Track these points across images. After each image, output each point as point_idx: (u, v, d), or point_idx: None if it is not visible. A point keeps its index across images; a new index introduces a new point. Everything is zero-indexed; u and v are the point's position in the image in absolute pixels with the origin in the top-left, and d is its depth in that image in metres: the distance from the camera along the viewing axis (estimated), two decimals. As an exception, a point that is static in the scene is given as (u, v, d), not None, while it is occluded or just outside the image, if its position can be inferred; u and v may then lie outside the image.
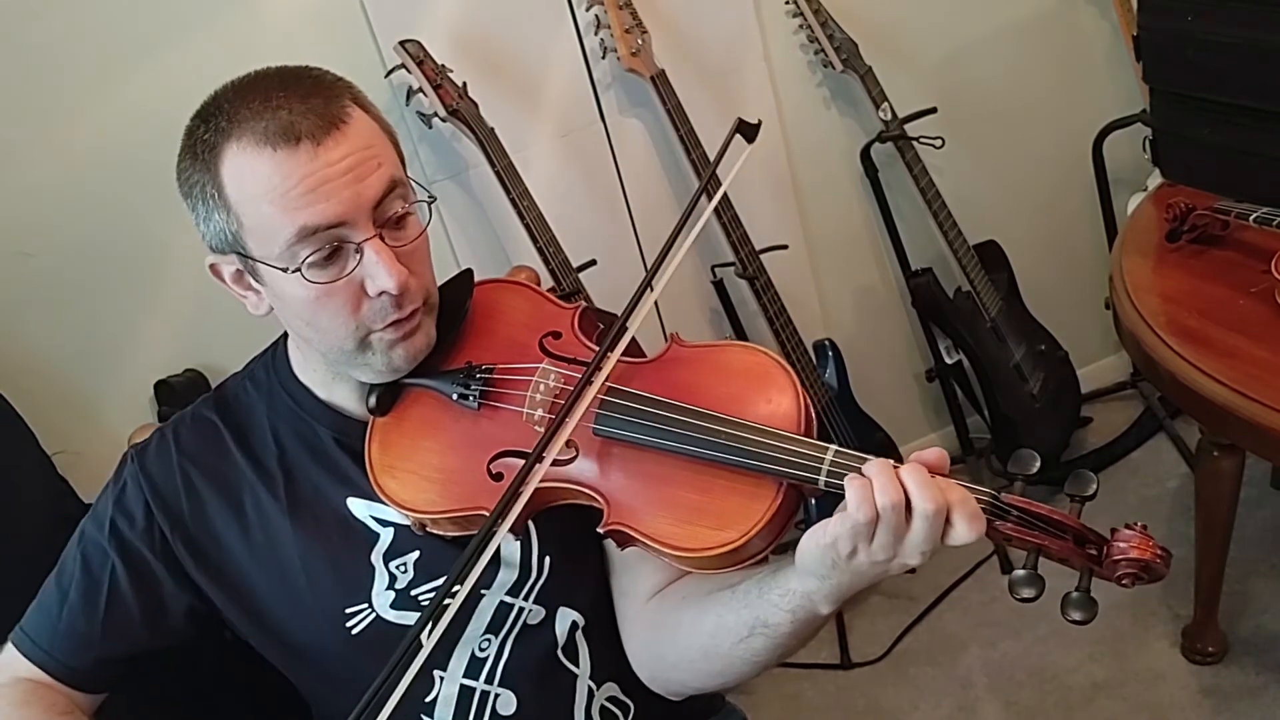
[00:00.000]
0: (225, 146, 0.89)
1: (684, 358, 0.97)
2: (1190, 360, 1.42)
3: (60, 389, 1.79)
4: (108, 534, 1.02)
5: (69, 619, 1.01)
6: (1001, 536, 0.83)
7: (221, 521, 1.03)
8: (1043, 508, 0.83)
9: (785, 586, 0.89)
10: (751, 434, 0.86)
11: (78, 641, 1.01)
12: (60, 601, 1.01)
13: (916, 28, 2.18)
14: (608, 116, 2.01)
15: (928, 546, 0.81)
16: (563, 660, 1.08)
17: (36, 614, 1.03)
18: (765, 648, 0.93)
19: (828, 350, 2.21)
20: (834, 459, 0.83)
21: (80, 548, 1.03)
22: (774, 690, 2.09)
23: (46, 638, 1.01)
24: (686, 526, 0.88)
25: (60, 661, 1.01)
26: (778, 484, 0.87)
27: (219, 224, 0.92)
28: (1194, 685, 1.87)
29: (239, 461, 1.04)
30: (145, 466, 1.04)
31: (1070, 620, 0.81)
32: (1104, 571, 0.83)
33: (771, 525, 0.86)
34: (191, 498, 1.03)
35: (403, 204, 0.94)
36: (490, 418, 0.97)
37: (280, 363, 1.08)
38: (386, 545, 1.03)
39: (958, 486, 0.81)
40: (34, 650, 1.01)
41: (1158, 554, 0.81)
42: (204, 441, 1.06)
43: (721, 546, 0.86)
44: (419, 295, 0.96)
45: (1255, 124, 1.57)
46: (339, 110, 0.90)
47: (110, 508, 1.03)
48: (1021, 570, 0.82)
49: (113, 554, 1.01)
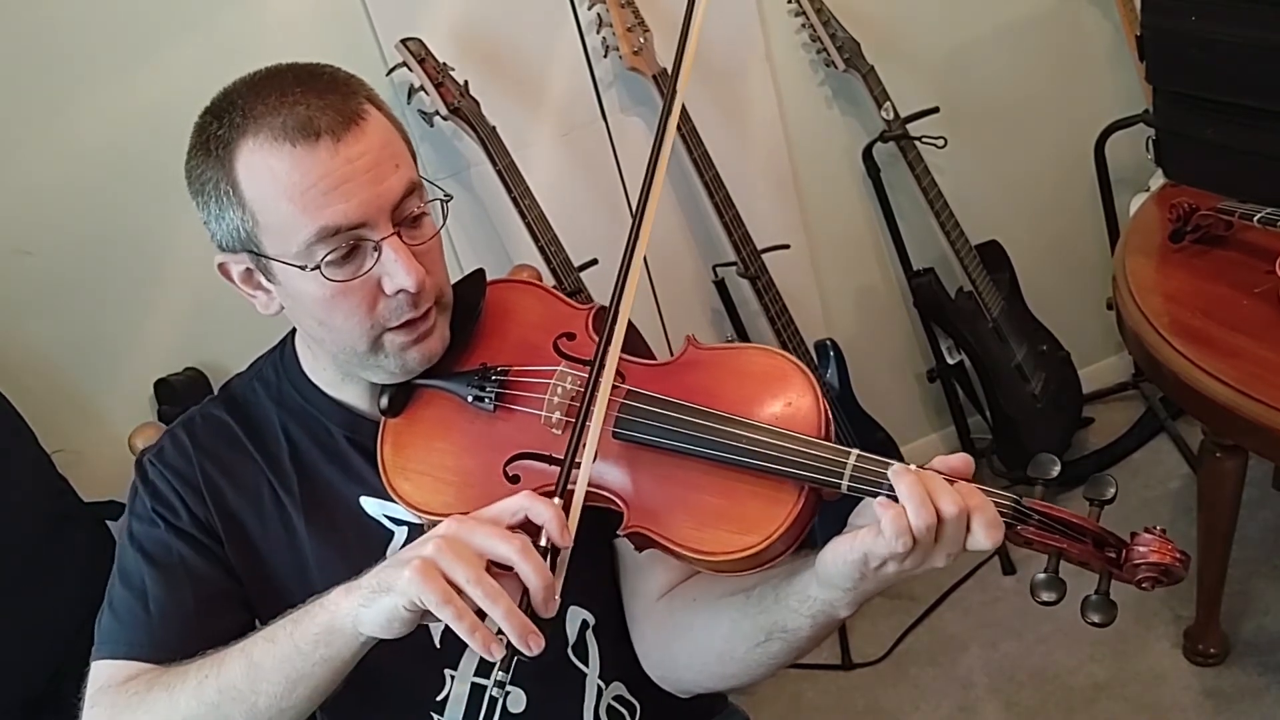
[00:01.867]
0: (241, 142, 0.88)
1: (701, 360, 0.96)
2: (1193, 360, 1.41)
3: (60, 388, 1.79)
4: (160, 528, 1.00)
5: (158, 609, 0.96)
6: (1023, 540, 0.84)
7: (241, 514, 1.02)
8: (1064, 511, 0.83)
9: (805, 593, 0.88)
10: (774, 438, 0.86)
11: (177, 627, 0.96)
12: (142, 601, 0.97)
13: (919, 27, 2.18)
14: (609, 115, 2.01)
15: (954, 549, 0.82)
16: (572, 659, 1.08)
17: (117, 627, 0.97)
18: (783, 650, 0.93)
19: (829, 350, 2.21)
20: (856, 463, 0.83)
21: (136, 548, 1.00)
22: (775, 690, 2.09)
23: (144, 638, 0.96)
24: (709, 530, 0.87)
25: (164, 647, 0.95)
26: (800, 488, 0.86)
27: (232, 221, 0.91)
28: (1195, 686, 1.87)
29: (254, 458, 1.04)
30: (166, 463, 1.03)
31: (1090, 623, 0.82)
32: (1124, 575, 0.84)
33: (794, 529, 0.86)
34: (212, 489, 1.02)
35: (419, 203, 0.93)
36: (506, 420, 0.97)
37: (289, 361, 1.07)
38: (401, 543, 1.03)
39: (978, 492, 0.81)
40: (132, 650, 0.95)
41: (1177, 557, 0.82)
42: (218, 439, 1.05)
43: (744, 550, 0.86)
44: (434, 294, 0.95)
45: (1258, 124, 1.57)
46: (357, 107, 0.89)
47: (150, 508, 1.01)
48: (1043, 574, 0.83)
49: (173, 540, 0.99)
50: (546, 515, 0.81)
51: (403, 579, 0.77)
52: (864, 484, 0.83)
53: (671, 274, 2.14)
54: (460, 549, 0.78)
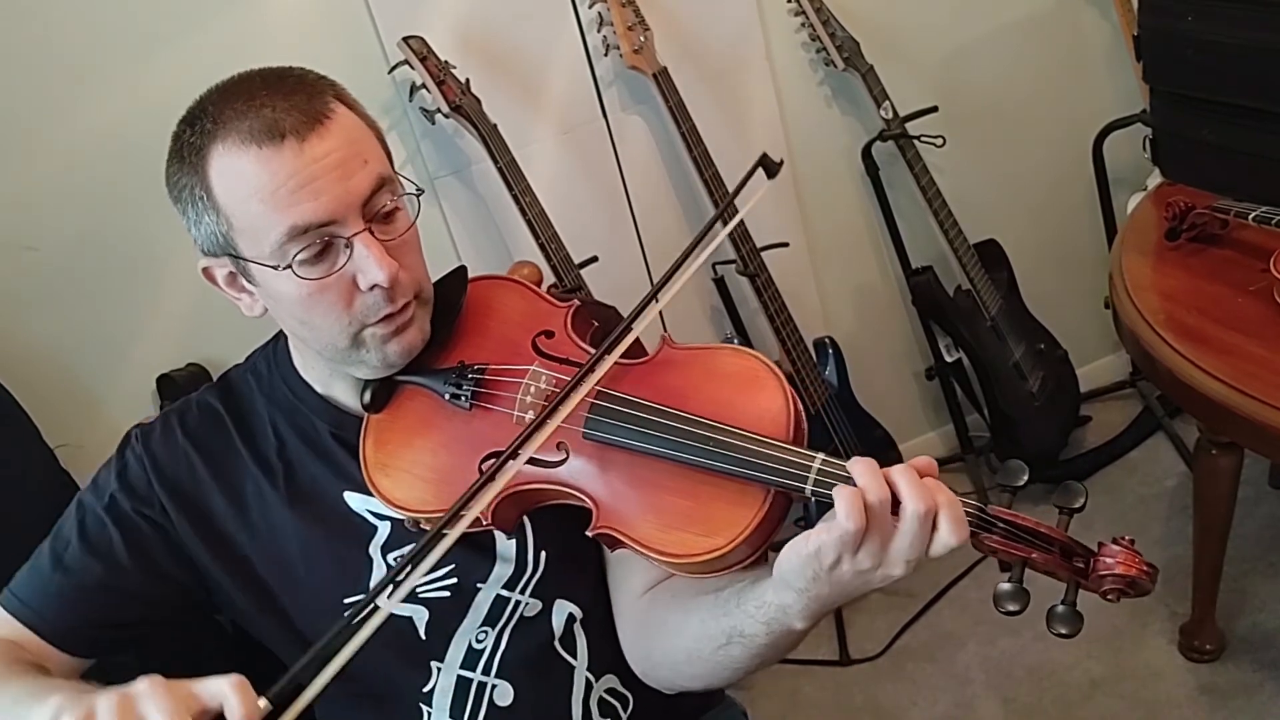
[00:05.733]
0: (211, 148, 0.89)
1: (675, 360, 0.96)
2: (1189, 357, 1.42)
3: (63, 383, 1.80)
4: (107, 505, 1.02)
5: (61, 580, 1.00)
6: (988, 549, 0.83)
7: (224, 506, 1.04)
8: (1030, 520, 0.83)
9: (761, 599, 0.88)
10: (739, 441, 0.86)
11: (68, 601, 1.00)
12: (54, 563, 1.01)
13: (918, 27, 2.19)
14: (610, 113, 2.02)
15: (913, 554, 0.80)
16: (560, 652, 1.09)
17: (28, 575, 1.02)
18: (744, 656, 0.93)
19: (828, 348, 2.22)
20: (821, 467, 0.83)
21: (78, 516, 1.03)
22: (772, 685, 2.10)
23: (37, 597, 1.00)
24: (674, 532, 0.88)
25: (47, 619, 1.00)
26: (765, 491, 0.86)
27: (209, 226, 0.92)
28: (1191, 682, 1.88)
29: (241, 451, 1.05)
30: (150, 446, 1.05)
31: (1055, 634, 0.81)
32: (1090, 585, 0.83)
33: (758, 532, 0.86)
34: (195, 479, 1.04)
35: (391, 198, 0.94)
36: (482, 418, 0.97)
37: (281, 356, 1.09)
38: (384, 538, 1.04)
39: (945, 490, 0.81)
40: (21, 609, 1.00)
41: (1144, 569, 0.81)
42: (208, 429, 1.06)
43: (708, 553, 0.86)
44: (410, 288, 0.96)
45: (1255, 124, 1.58)
46: (322, 106, 0.90)
47: (113, 481, 1.04)
48: (1007, 584, 0.82)
49: (110, 524, 1.01)
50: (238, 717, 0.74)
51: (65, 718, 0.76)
52: (828, 487, 0.82)
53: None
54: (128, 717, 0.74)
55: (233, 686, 0.75)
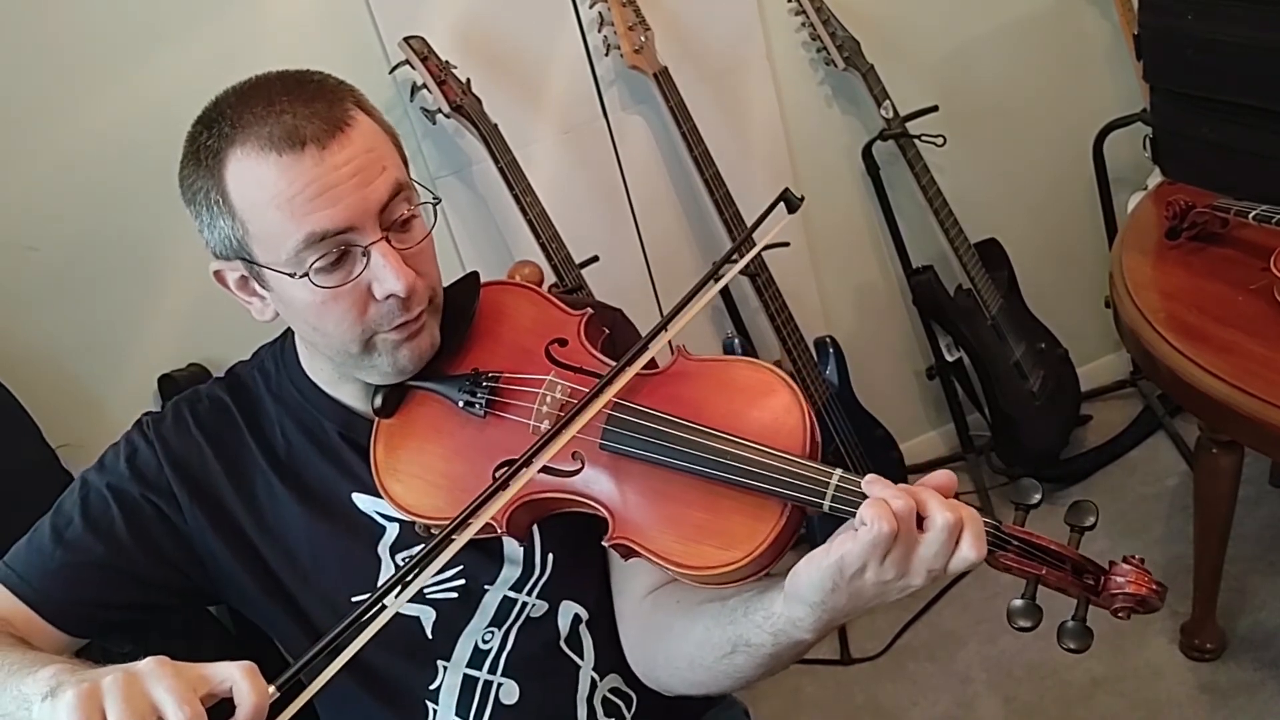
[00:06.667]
0: (229, 152, 0.89)
1: (690, 372, 0.96)
2: (1189, 356, 1.42)
3: (64, 383, 1.80)
4: (113, 486, 1.01)
5: (61, 556, 0.99)
6: (1002, 566, 0.84)
7: (234, 497, 1.03)
8: (1043, 539, 0.84)
9: (769, 610, 0.88)
10: (760, 455, 0.86)
11: (66, 578, 0.99)
12: (55, 539, 1.00)
13: (918, 26, 2.19)
14: (610, 113, 2.02)
15: (938, 564, 0.81)
16: (566, 651, 1.09)
17: (25, 550, 1.01)
18: (748, 665, 0.93)
19: (828, 347, 2.22)
20: (839, 483, 0.84)
21: (82, 494, 1.02)
22: (773, 685, 2.10)
23: (35, 572, 0.99)
24: (692, 545, 0.88)
25: (44, 594, 0.99)
26: (783, 505, 0.87)
27: (224, 230, 0.92)
28: (1192, 681, 1.88)
29: (251, 446, 1.05)
30: (162, 433, 1.04)
31: (1066, 649, 0.83)
32: (1100, 602, 0.85)
33: (775, 546, 0.87)
34: (207, 469, 1.03)
35: (408, 206, 0.94)
36: (496, 426, 0.97)
37: (289, 356, 1.09)
38: (393, 539, 1.04)
39: (969, 507, 0.82)
40: (19, 583, 0.99)
41: (1154, 589, 0.83)
42: (219, 421, 1.06)
43: (727, 565, 0.86)
44: (425, 297, 0.96)
45: (1255, 122, 1.58)
46: (342, 114, 0.90)
47: (121, 463, 1.03)
48: (1019, 600, 0.83)
49: (114, 504, 1.01)
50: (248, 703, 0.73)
51: (66, 696, 0.73)
52: (846, 504, 0.83)
53: (671, 270, 2.15)
54: (134, 694, 0.72)
55: (244, 672, 0.74)
